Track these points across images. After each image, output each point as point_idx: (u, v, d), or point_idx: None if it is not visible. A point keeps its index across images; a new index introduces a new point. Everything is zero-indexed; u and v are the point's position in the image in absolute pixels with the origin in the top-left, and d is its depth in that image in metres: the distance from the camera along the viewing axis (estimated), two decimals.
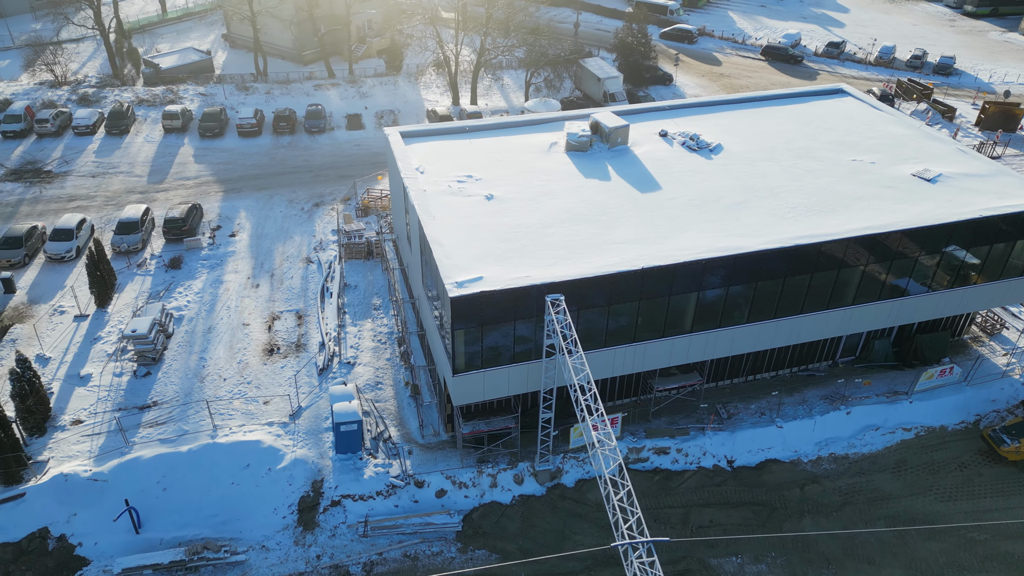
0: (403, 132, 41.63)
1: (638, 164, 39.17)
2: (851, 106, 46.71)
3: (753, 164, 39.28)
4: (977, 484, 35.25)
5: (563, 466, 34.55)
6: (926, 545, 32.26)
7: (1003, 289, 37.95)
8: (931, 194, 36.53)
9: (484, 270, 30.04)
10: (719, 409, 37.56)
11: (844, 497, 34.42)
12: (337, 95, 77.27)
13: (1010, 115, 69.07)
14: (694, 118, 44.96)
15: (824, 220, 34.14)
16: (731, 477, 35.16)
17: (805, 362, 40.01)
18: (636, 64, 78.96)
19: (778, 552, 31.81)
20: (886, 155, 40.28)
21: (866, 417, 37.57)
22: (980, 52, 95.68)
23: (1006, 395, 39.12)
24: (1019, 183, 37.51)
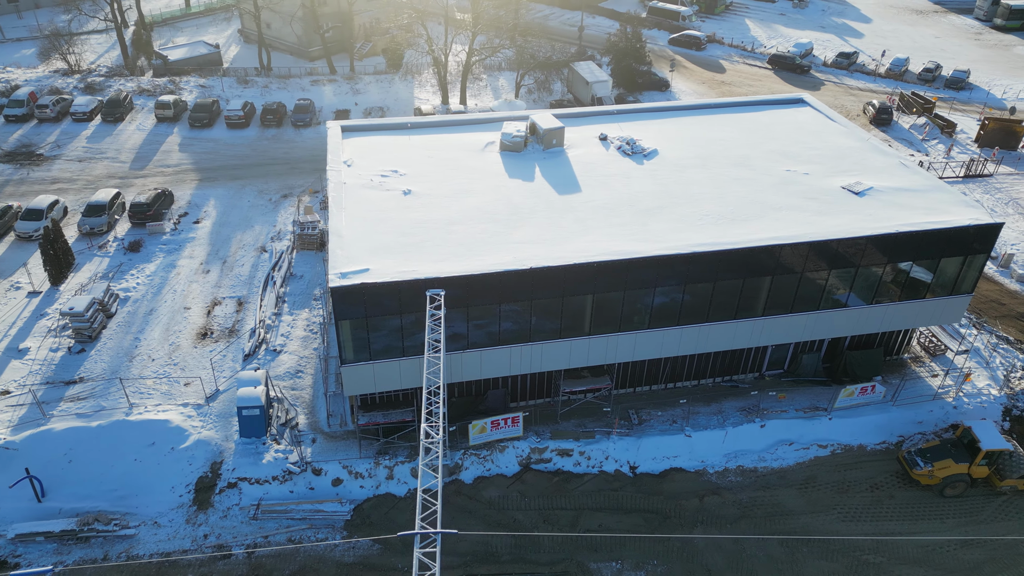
0: (344, 126, 42.49)
1: (567, 166, 39.21)
2: (806, 116, 45.83)
3: (682, 171, 38.95)
4: (886, 506, 34.28)
5: (463, 462, 34.83)
6: (816, 564, 31.56)
7: (931, 308, 36.87)
8: (854, 207, 35.70)
9: (375, 262, 30.58)
10: (631, 414, 37.35)
11: (743, 510, 33.87)
12: (331, 91, 78.83)
13: (1010, 132, 66.62)
14: (643, 123, 44.74)
15: (732, 229, 33.70)
16: (631, 483, 34.93)
17: (730, 373, 39.45)
18: (629, 68, 78.51)
19: (660, 560, 31.50)
20: (824, 166, 39.47)
21: (781, 431, 36.86)
22: (1001, 67, 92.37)
23: (935, 418, 37.92)
24: (953, 200, 36.38)
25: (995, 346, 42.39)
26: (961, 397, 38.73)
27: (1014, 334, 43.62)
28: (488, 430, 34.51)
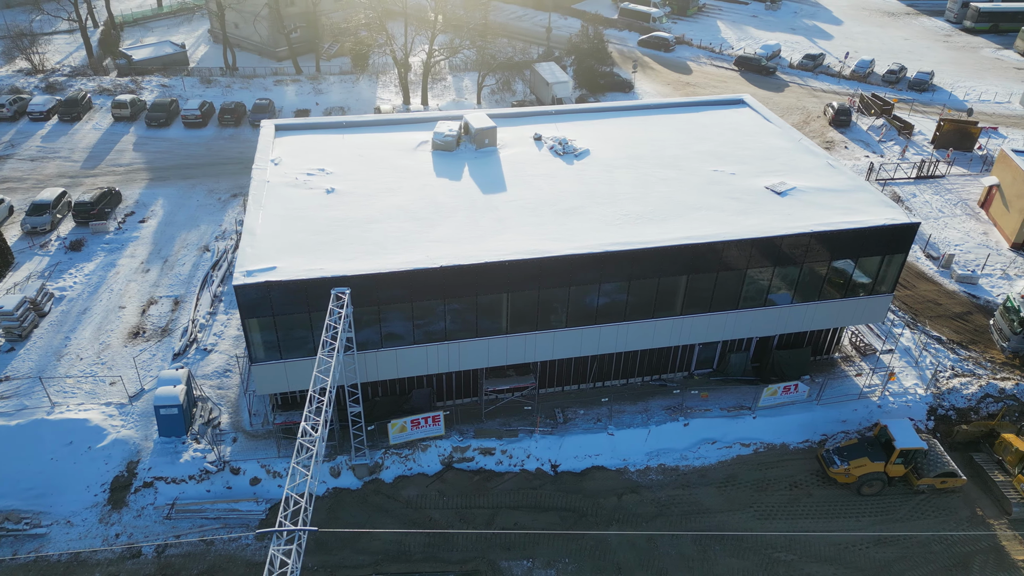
0: (279, 125, 42.52)
1: (496, 166, 39.31)
2: (744, 117, 46.03)
3: (611, 171, 39.08)
4: (803, 504, 34.43)
5: (384, 461, 34.87)
6: (727, 562, 31.68)
7: (852, 308, 37.08)
8: (774, 207, 35.89)
9: (285, 261, 30.61)
10: (557, 413, 37.44)
11: (660, 508, 33.99)
12: (294, 91, 78.80)
13: (965, 134, 66.99)
14: (583, 123, 44.88)
15: (647, 229, 33.84)
16: (551, 481, 35.01)
17: (658, 372, 39.58)
18: (591, 69, 78.70)
19: (572, 558, 31.58)
20: (752, 167, 39.66)
21: (704, 430, 37.01)
22: (967, 69, 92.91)
23: (859, 417, 38.11)
24: (873, 200, 36.60)
25: (927, 345, 42.64)
26: (887, 396, 38.93)
27: (947, 334, 43.87)
28: (408, 429, 34.55)
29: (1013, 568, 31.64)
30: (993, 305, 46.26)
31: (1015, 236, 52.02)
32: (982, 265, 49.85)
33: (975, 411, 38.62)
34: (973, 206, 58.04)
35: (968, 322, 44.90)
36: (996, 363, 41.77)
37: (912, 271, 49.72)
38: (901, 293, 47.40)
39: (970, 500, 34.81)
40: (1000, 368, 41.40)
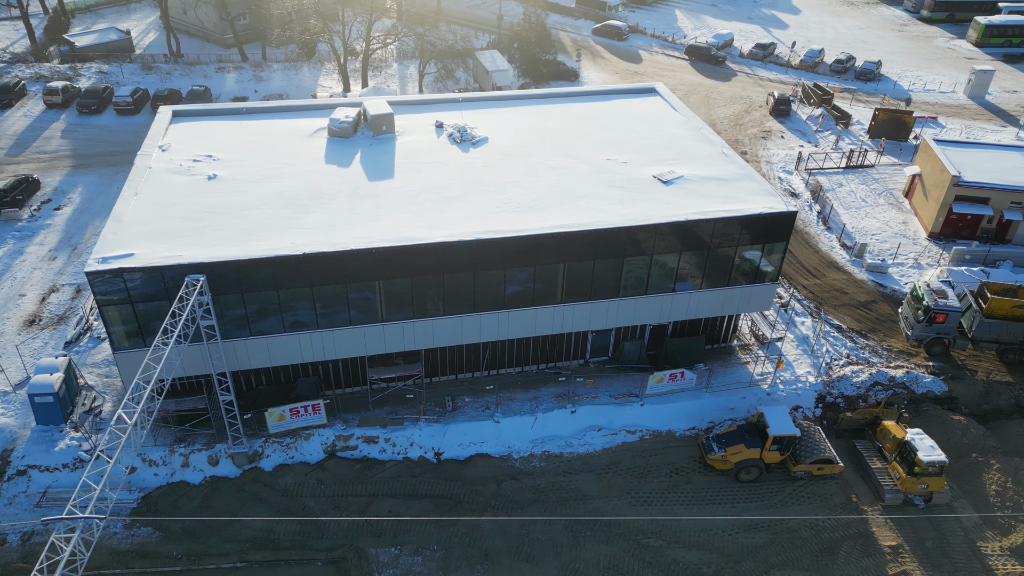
0: (176, 111, 42.18)
1: (389, 153, 39.13)
2: (652, 106, 45.98)
3: (504, 159, 38.99)
4: (682, 491, 34.66)
5: (264, 450, 34.82)
6: (596, 547, 31.88)
7: (737, 296, 37.23)
8: (657, 196, 35.91)
9: (146, 247, 30.38)
10: (446, 401, 37.48)
11: (537, 495, 34.13)
12: (234, 78, 78.15)
13: (900, 123, 67.18)
14: (489, 111, 44.72)
15: (526, 217, 33.81)
16: (433, 469, 35.08)
17: (553, 359, 39.67)
18: (534, 58, 78.34)
19: (442, 545, 31.69)
20: (646, 156, 39.65)
21: (591, 417, 37.15)
22: (917, 58, 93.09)
23: (748, 404, 38.32)
24: (757, 189, 36.67)
25: (825, 334, 42.90)
26: (777, 384, 39.18)
27: (848, 322, 44.14)
28: (287, 418, 34.48)
29: (878, 554, 31.96)
30: (899, 294, 46.58)
31: (932, 225, 52.32)
32: (895, 254, 50.15)
33: (863, 399, 38.91)
34: (898, 196, 58.31)
35: (871, 311, 45.18)
36: (892, 351, 42.09)
37: (825, 260, 49.99)
38: (809, 282, 47.66)
39: (848, 487, 35.14)
40: (896, 356, 41.71)
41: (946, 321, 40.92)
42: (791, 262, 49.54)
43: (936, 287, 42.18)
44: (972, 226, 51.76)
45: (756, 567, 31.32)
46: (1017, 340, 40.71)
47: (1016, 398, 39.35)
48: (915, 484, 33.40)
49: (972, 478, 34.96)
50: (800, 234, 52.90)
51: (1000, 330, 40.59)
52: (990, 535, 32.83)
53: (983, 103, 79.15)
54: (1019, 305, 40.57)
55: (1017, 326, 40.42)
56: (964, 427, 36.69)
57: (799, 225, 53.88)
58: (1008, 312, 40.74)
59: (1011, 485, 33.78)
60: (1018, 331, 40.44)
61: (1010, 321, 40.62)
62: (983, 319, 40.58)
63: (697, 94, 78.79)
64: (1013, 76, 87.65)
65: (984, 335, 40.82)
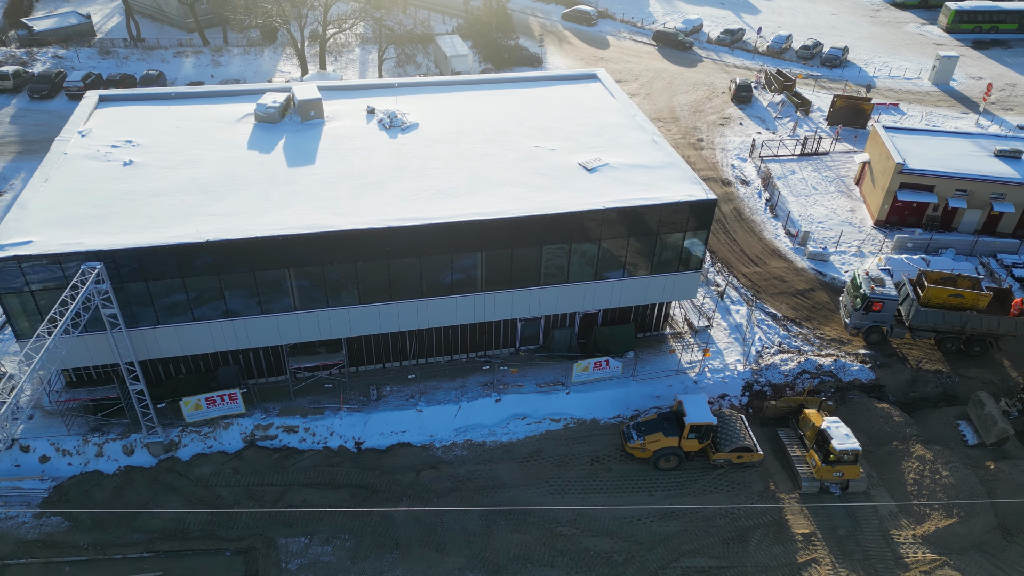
0: (103, 96, 41.52)
1: (315, 139, 38.65)
2: (591, 92, 45.52)
3: (431, 145, 38.57)
4: (601, 479, 34.61)
5: (181, 439, 34.57)
6: (509, 536, 31.81)
7: (660, 284, 37.02)
8: (579, 184, 35.58)
9: (47, 235, 29.93)
10: (371, 390, 37.26)
11: (455, 484, 34.03)
12: (192, 63, 77.23)
13: (857, 110, 66.85)
14: (427, 96, 44.22)
15: (441, 204, 33.47)
16: (352, 459, 34.92)
17: (484, 348, 39.47)
18: (495, 43, 77.59)
19: (352, 535, 31.59)
20: (576, 143, 39.27)
21: (516, 406, 37.01)
22: (886, 45, 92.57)
23: (674, 392, 38.18)
24: (680, 177, 36.35)
25: (760, 322, 42.79)
26: (705, 372, 39.11)
27: (784, 311, 44.04)
28: (204, 407, 34.21)
29: (790, 542, 32.01)
30: (838, 282, 46.47)
31: (878, 213, 52.17)
32: (838, 242, 50.02)
33: (790, 387, 38.87)
34: (849, 183, 58.10)
35: (808, 299, 45.08)
36: (825, 339, 42.04)
37: (768, 248, 49.83)
38: (750, 270, 47.50)
39: (768, 475, 35.15)
40: (827, 344, 41.66)
41: (883, 309, 40.83)
42: (733, 250, 49.40)
43: (875, 275, 42.08)
44: (918, 214, 51.62)
45: (666, 555, 31.34)
46: (954, 329, 40.63)
47: (943, 386, 39.36)
48: (830, 472, 33.40)
49: (891, 466, 34.99)
50: (746, 222, 52.70)
51: (937, 319, 40.47)
52: (905, 523, 32.91)
53: (947, 89, 78.84)
54: (956, 294, 40.46)
55: (953, 315, 40.31)
56: (887, 415, 36.69)
57: (746, 213, 53.69)
58: (945, 301, 40.63)
59: (928, 474, 33.80)
60: (955, 320, 40.35)
61: (947, 310, 40.54)
62: (919, 308, 40.48)
63: (661, 80, 78.25)
64: (980, 62, 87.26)
65: (921, 324, 40.75)
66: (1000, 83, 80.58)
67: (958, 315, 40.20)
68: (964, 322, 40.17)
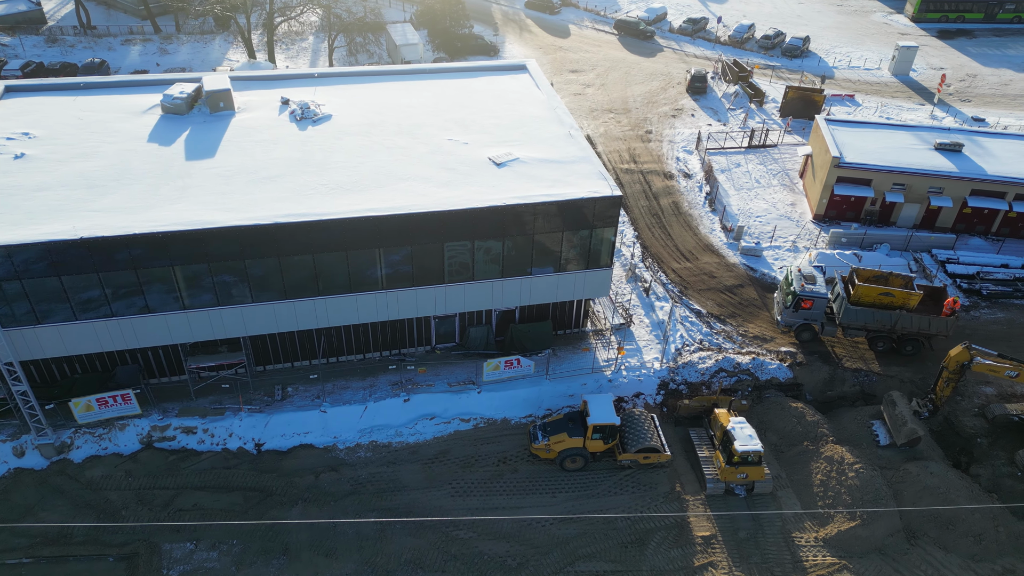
0: (9, 86, 40.25)
1: (219, 132, 37.55)
2: (518, 84, 44.49)
3: (340, 138, 37.55)
4: (506, 480, 33.93)
5: (75, 441, 33.68)
6: (403, 540, 31.13)
7: (570, 282, 36.23)
8: (484, 179, 34.68)
9: None
10: (276, 390, 36.44)
11: (355, 487, 33.28)
12: (139, 51, 75.79)
13: (809, 101, 65.96)
14: (347, 87, 43.09)
15: (337, 200, 32.54)
16: (250, 461, 34.10)
17: (398, 346, 38.66)
18: (448, 32, 76.28)
19: (241, 540, 30.83)
20: (491, 136, 38.31)
21: (425, 406, 36.25)
22: (850, 34, 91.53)
23: (588, 391, 37.46)
24: (589, 172, 35.42)
25: (684, 319, 42.11)
26: (621, 371, 38.41)
27: (710, 307, 43.35)
28: (96, 408, 33.30)
29: (689, 545, 31.42)
30: (768, 278, 45.77)
31: (816, 207, 51.46)
32: (773, 237, 49.31)
33: (707, 385, 38.23)
34: (794, 176, 57.36)
35: (736, 295, 44.40)
36: (748, 336, 41.41)
37: (702, 243, 49.09)
38: (681, 265, 46.77)
39: (676, 476, 34.56)
40: (750, 342, 41.02)
41: (813, 307, 40.13)
42: (667, 245, 48.66)
43: (807, 272, 41.34)
44: (856, 208, 50.93)
45: (562, 559, 30.73)
46: (884, 328, 39.88)
47: (861, 385, 38.77)
48: (734, 474, 32.79)
49: (801, 467, 34.41)
50: (684, 216, 51.92)
51: (867, 317, 39.66)
52: (808, 526, 32.38)
53: (906, 80, 78.01)
54: (886, 292, 39.73)
55: (883, 314, 39.48)
56: (800, 414, 36.07)
57: (684, 207, 52.88)
58: (875, 299, 39.82)
59: (835, 475, 33.24)
60: (884, 319, 39.55)
61: (877, 309, 39.75)
62: (849, 306, 39.76)
63: (617, 70, 77.19)
64: (944, 52, 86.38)
65: (851, 322, 40.00)
66: (961, 73, 79.86)
67: (888, 314, 39.48)
68: (894, 321, 39.47)
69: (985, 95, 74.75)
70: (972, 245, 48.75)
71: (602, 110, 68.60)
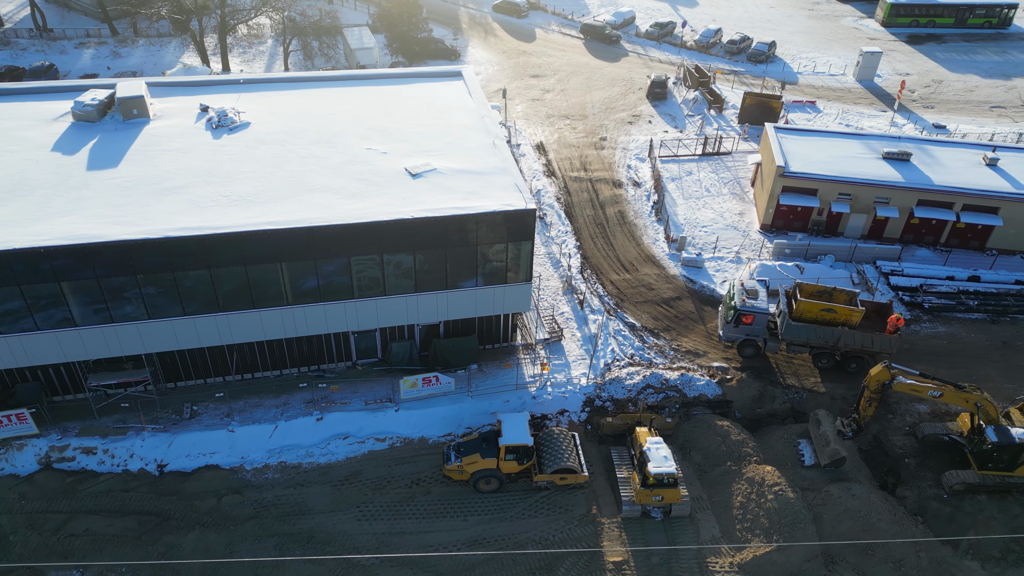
0: None
1: (128, 140, 36.32)
2: (451, 91, 43.34)
3: (254, 147, 36.38)
4: (417, 503, 32.73)
5: None
6: (302, 568, 29.89)
7: (490, 296, 35.12)
8: (396, 191, 33.54)
9: None
10: (185, 408, 35.20)
11: (258, 510, 32.06)
12: (92, 55, 74.50)
13: (767, 108, 64.99)
14: (276, 93, 41.96)
15: (238, 212, 31.37)
16: (151, 483, 32.83)
17: (316, 362, 37.46)
18: (405, 36, 75.15)
19: (130, 568, 29.61)
20: (412, 145, 37.18)
21: (339, 424, 35.06)
22: (818, 39, 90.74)
23: (511, 408, 36.26)
24: (507, 184, 34.27)
25: (617, 332, 41.02)
26: (546, 387, 37.29)
27: (645, 320, 42.27)
28: None
29: (600, 570, 30.23)
30: (707, 291, 44.66)
31: (763, 217, 50.48)
32: (716, 247, 48.28)
33: (633, 402, 37.14)
34: (745, 185, 56.35)
35: (673, 308, 43.33)
36: (680, 351, 40.32)
37: (644, 254, 48.01)
38: (620, 277, 45.67)
39: (595, 497, 33.41)
40: (682, 356, 39.95)
41: (754, 323, 38.95)
42: (608, 256, 47.58)
43: (749, 287, 40.14)
44: (803, 218, 49.94)
45: None
46: (827, 345, 38.52)
47: (791, 402, 37.72)
48: (649, 496, 31.65)
49: (722, 488, 33.32)
50: (629, 226, 50.83)
51: (809, 333, 38.32)
52: (725, 550, 31.27)
53: (870, 86, 77.19)
54: (828, 309, 38.50)
55: (826, 330, 38.07)
56: (725, 433, 34.99)
57: (630, 216, 51.81)
58: (817, 316, 38.46)
59: (755, 497, 32.16)
60: (827, 335, 38.17)
61: (819, 325, 38.50)
62: (791, 322, 38.56)
63: (579, 75, 76.20)
64: (911, 58, 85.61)
65: (793, 338, 38.80)
66: (927, 79, 79.13)
67: (831, 331, 38.08)
68: (837, 338, 38.27)
69: (949, 101, 74.00)
70: (919, 256, 47.83)
71: (559, 116, 67.56)
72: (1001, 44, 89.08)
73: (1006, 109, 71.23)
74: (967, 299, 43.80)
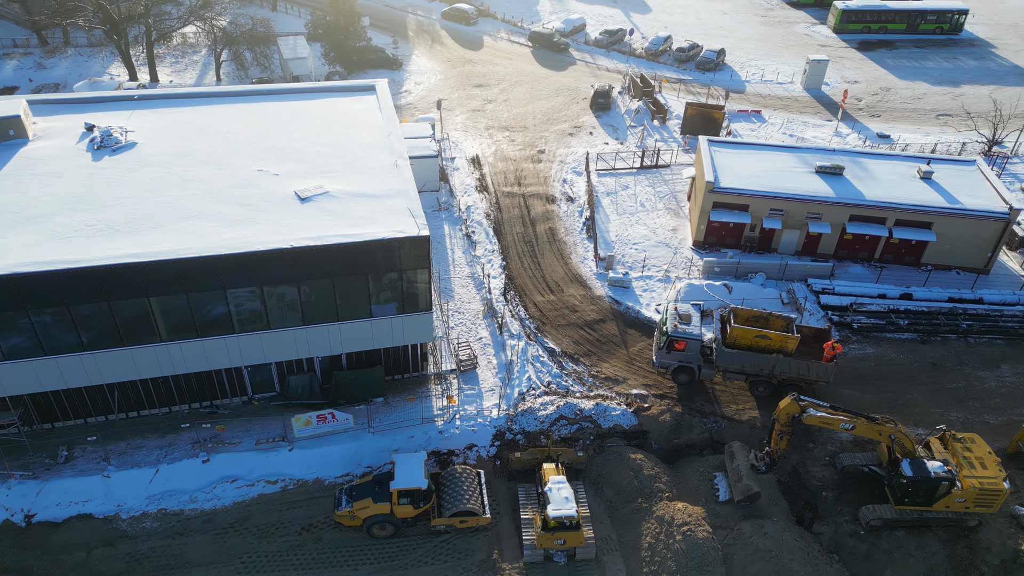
0: None
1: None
2: (360, 107, 41.32)
3: (136, 170, 34.07)
4: (306, 551, 30.56)
5: None
6: None
7: (387, 327, 33.09)
8: (281, 217, 31.43)
9: None
10: (60, 452, 32.72)
11: (130, 564, 29.69)
12: (15, 65, 71.50)
13: (709, 119, 63.54)
14: (170, 110, 39.72)
15: (102, 243, 29.10)
16: (15, 535, 30.30)
17: (210, 398, 35.16)
18: (343, 45, 72.93)
19: None
20: (308, 166, 35.09)
21: (227, 466, 32.77)
22: (769, 46, 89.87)
23: (416, 445, 34.26)
24: (401, 209, 32.25)
25: (535, 359, 39.15)
26: (455, 420, 35.28)
27: (565, 345, 40.42)
28: None
29: None
30: (632, 312, 42.95)
31: (696, 233, 48.95)
32: (645, 266, 46.63)
33: (546, 435, 35.26)
34: (682, 200, 54.82)
35: (596, 331, 41.54)
36: (599, 378, 38.53)
37: (571, 274, 46.16)
38: (544, 298, 43.85)
39: (499, 540, 31.43)
40: (600, 384, 38.14)
41: (687, 349, 37.02)
42: (534, 276, 45.72)
43: (683, 311, 38.22)
44: (736, 234, 48.48)
45: None
46: (763, 372, 36.66)
47: (710, 432, 36.03)
48: (551, 540, 29.73)
49: (632, 527, 31.51)
50: (558, 244, 49.02)
51: (743, 360, 36.50)
52: None
53: (817, 94, 76.28)
54: (761, 335, 36.86)
55: (761, 357, 36.24)
56: (638, 467, 33.19)
57: (560, 234, 50.00)
58: (751, 342, 36.64)
59: (663, 537, 30.39)
60: (762, 363, 36.34)
61: (754, 352, 36.65)
62: (724, 348, 36.80)
63: (524, 85, 74.48)
64: (861, 65, 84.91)
65: (728, 365, 36.97)
66: (875, 87, 78.40)
67: (766, 358, 36.20)
68: (772, 365, 36.51)
69: (896, 109, 73.27)
70: (852, 273, 46.54)
71: (498, 127, 65.74)
72: (952, 50, 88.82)
73: (952, 117, 70.59)
74: (897, 318, 42.48)
